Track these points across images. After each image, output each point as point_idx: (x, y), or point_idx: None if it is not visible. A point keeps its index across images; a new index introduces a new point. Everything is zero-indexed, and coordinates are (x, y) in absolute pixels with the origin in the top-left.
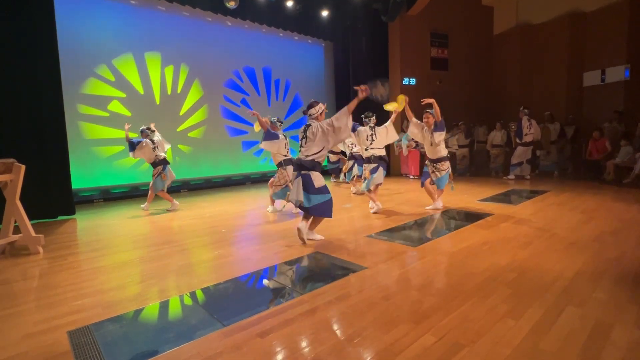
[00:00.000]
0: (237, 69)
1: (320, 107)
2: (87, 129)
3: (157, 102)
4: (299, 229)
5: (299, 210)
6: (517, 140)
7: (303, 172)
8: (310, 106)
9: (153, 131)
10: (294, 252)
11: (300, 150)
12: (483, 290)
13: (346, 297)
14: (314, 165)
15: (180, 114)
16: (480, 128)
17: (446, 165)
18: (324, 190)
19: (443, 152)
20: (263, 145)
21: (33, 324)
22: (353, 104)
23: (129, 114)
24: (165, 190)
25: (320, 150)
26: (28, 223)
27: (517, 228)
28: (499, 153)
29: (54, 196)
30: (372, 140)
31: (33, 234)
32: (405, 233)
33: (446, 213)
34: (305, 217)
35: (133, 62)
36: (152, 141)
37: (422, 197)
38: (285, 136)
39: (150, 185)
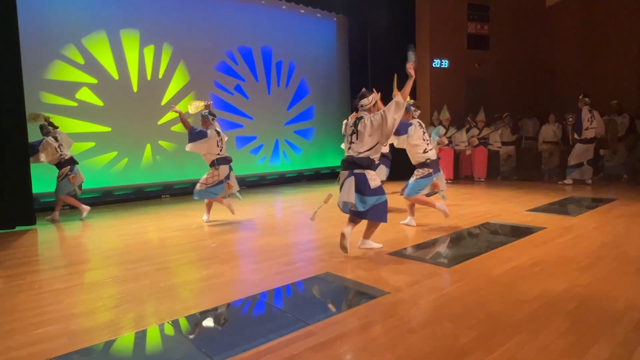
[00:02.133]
0: (231, 49)
1: (374, 97)
2: (52, 121)
3: (135, 89)
4: (343, 235)
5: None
6: (576, 137)
7: (357, 171)
8: (362, 96)
9: (56, 127)
10: (298, 272)
11: (350, 147)
12: (534, 322)
13: (364, 329)
14: (369, 163)
15: (162, 103)
16: (529, 121)
17: (420, 172)
18: (380, 191)
19: (419, 157)
20: (189, 147)
21: None
22: (408, 87)
23: (100, 103)
24: (78, 194)
25: (375, 146)
26: None
27: (577, 245)
28: (553, 152)
29: (10, 203)
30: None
31: None
32: (436, 250)
33: (487, 226)
34: (352, 222)
35: (106, 42)
36: (55, 138)
37: (457, 206)
38: (218, 132)
39: (55, 190)
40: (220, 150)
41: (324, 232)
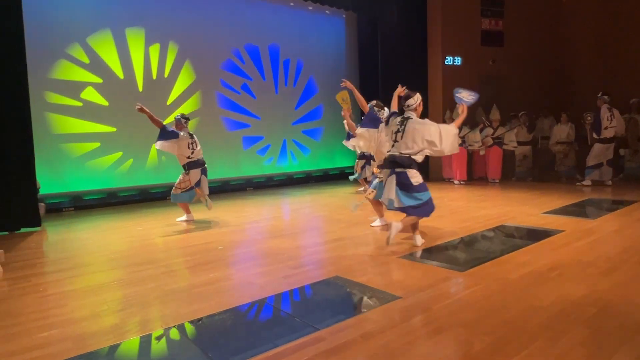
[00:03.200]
0: (238, 47)
1: (419, 97)
2: (56, 121)
3: (140, 88)
4: (392, 226)
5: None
6: (595, 136)
7: (397, 169)
8: (408, 97)
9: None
10: (307, 275)
11: (393, 144)
12: (552, 329)
13: (375, 334)
14: (411, 163)
15: (168, 103)
16: (545, 120)
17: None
18: (423, 187)
19: (379, 156)
20: (158, 145)
21: None
22: (460, 120)
23: (105, 103)
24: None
25: (420, 151)
26: None
27: (596, 249)
28: (567, 152)
29: (16, 204)
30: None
31: None
32: (449, 254)
33: (501, 229)
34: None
35: (111, 40)
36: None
37: (470, 207)
38: (191, 134)
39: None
40: (192, 152)
41: (333, 235)
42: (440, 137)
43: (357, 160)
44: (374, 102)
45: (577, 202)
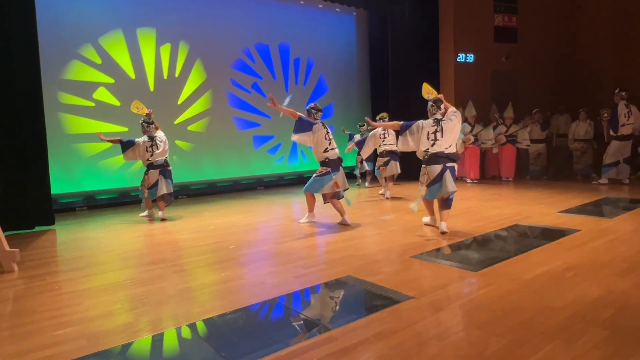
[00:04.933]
0: (248, 46)
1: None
2: (69, 121)
3: (151, 88)
4: (432, 219)
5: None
6: (612, 133)
7: (449, 164)
8: (441, 101)
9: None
10: (318, 275)
11: (435, 144)
12: (568, 330)
13: (387, 334)
14: (454, 157)
15: (179, 102)
16: (560, 117)
17: (319, 170)
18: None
19: (320, 156)
20: (124, 158)
21: (5, 357)
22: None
23: (117, 103)
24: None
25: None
26: (1, 235)
27: (613, 249)
28: (585, 149)
29: (29, 203)
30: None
31: (7, 248)
32: (462, 253)
33: (515, 229)
34: (443, 207)
35: (123, 41)
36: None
37: (483, 207)
38: (151, 138)
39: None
40: (151, 155)
41: (345, 235)
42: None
43: (378, 158)
44: (312, 104)
45: (593, 201)
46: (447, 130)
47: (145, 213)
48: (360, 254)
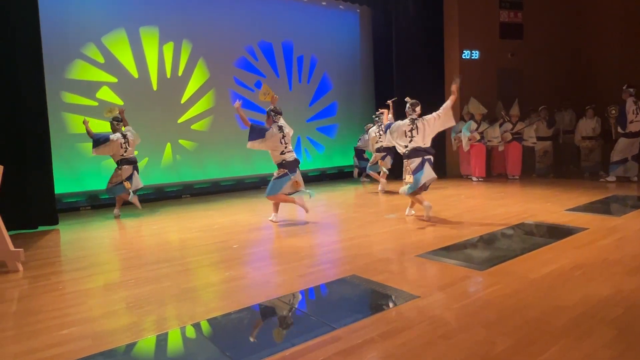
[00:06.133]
0: (251, 44)
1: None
2: (73, 121)
3: (154, 87)
4: (428, 206)
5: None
6: (620, 130)
7: (427, 157)
8: (417, 104)
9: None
10: (323, 274)
11: (412, 140)
12: (576, 329)
13: (393, 334)
14: (431, 151)
15: (182, 101)
16: (565, 113)
17: (277, 172)
18: None
19: (276, 158)
20: (94, 152)
21: (11, 357)
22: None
23: (120, 102)
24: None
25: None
26: (6, 235)
27: (622, 248)
28: (593, 147)
29: (33, 203)
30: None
31: (11, 247)
32: (467, 252)
33: (522, 227)
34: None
35: (126, 40)
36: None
37: (489, 205)
38: (124, 135)
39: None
40: (125, 151)
41: (349, 233)
42: (436, 117)
43: (374, 154)
44: (271, 107)
45: (601, 199)
46: (422, 129)
47: (116, 211)
48: (365, 252)
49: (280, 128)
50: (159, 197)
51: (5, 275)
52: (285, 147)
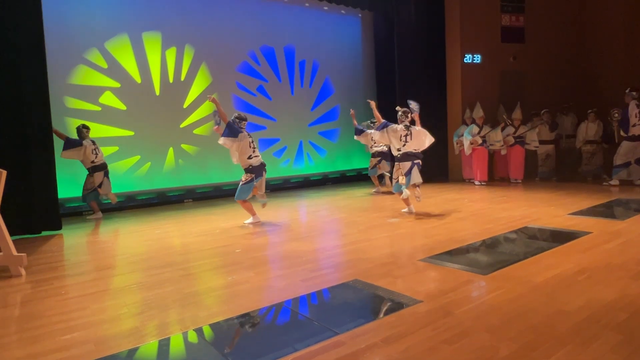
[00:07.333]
0: (253, 49)
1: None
2: (76, 126)
3: (157, 92)
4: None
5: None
6: (623, 134)
7: (416, 161)
8: (409, 112)
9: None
10: (326, 279)
11: (405, 146)
12: (581, 334)
13: (396, 339)
14: (420, 155)
15: (185, 106)
16: (565, 117)
17: (244, 177)
18: None
19: (244, 163)
20: (62, 155)
21: None
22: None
23: (123, 107)
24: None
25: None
26: (9, 239)
27: (626, 251)
28: (595, 151)
29: (36, 208)
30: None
31: (14, 252)
32: (470, 256)
33: (525, 231)
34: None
35: (129, 45)
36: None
37: (491, 209)
38: (93, 141)
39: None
40: (96, 157)
41: (351, 238)
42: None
43: (371, 158)
44: (237, 114)
45: (605, 203)
46: (415, 135)
47: (93, 215)
48: (368, 257)
49: (249, 134)
50: (161, 201)
51: (8, 280)
52: (253, 152)
